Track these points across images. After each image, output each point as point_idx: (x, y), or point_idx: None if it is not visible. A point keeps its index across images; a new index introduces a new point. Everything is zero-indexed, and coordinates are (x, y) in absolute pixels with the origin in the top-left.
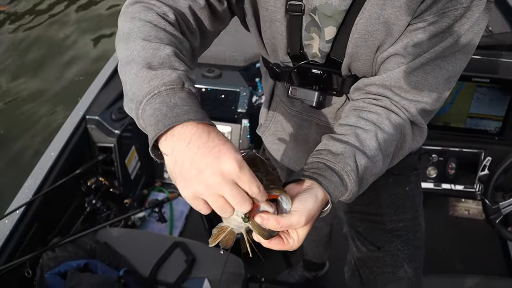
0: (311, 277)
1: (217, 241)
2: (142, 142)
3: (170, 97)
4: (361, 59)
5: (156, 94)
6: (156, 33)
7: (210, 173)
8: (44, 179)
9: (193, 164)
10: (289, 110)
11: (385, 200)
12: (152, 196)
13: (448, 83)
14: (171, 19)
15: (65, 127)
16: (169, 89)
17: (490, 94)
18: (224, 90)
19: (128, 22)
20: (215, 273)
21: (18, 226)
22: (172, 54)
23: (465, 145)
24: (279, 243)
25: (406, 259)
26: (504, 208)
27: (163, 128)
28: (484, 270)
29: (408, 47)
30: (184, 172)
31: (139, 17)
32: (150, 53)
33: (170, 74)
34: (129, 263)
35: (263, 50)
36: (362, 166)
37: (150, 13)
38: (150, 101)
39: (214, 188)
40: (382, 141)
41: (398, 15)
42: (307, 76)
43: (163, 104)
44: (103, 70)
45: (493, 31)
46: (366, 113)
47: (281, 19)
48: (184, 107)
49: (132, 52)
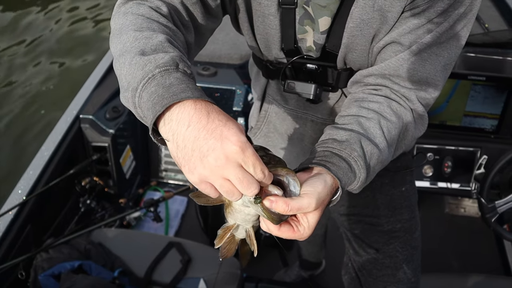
0: (307, 276)
1: (223, 241)
2: (137, 141)
3: (165, 79)
4: (357, 49)
5: (151, 78)
6: (149, 24)
7: (213, 157)
8: (38, 179)
9: (195, 149)
10: (283, 108)
11: (381, 201)
12: (148, 195)
13: (444, 70)
14: (164, 12)
15: (58, 126)
16: (163, 71)
17: (486, 92)
18: (220, 88)
19: (121, 18)
20: (210, 273)
21: (11, 228)
22: (165, 40)
23: (461, 144)
24: (289, 230)
25: (405, 260)
26: (500, 207)
27: (160, 108)
28: (480, 268)
29: (404, 34)
30: (187, 157)
31: (131, 11)
32: (143, 42)
33: (163, 57)
34: (124, 263)
35: (256, 47)
36: (368, 152)
37: (142, 7)
38: (145, 86)
39: (219, 172)
40: (386, 129)
41: (392, 2)
42: (302, 71)
43: (159, 86)
44: (96, 69)
45: (489, 28)
46: (367, 102)
47: (274, 13)
48: (180, 85)
49: (125, 44)
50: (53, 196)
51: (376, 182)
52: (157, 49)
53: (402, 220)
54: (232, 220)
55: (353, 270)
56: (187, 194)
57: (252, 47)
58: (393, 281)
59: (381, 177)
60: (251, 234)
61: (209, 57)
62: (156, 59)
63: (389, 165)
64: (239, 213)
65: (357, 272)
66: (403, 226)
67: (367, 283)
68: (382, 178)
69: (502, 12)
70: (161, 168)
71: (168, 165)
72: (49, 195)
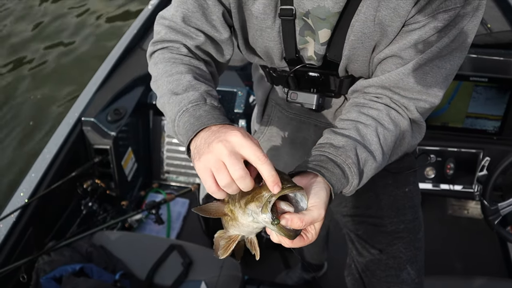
0: (309, 278)
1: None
2: (138, 143)
3: (196, 111)
4: (359, 60)
5: (184, 111)
6: (176, 67)
7: (216, 141)
8: (40, 182)
9: (207, 141)
10: (286, 113)
11: (385, 202)
12: (150, 197)
13: (446, 81)
14: (184, 52)
15: (60, 129)
16: (195, 105)
17: (489, 94)
18: (221, 91)
19: (153, 68)
20: (212, 276)
21: (13, 230)
22: (192, 79)
23: (464, 145)
24: (300, 240)
25: (409, 261)
26: (503, 209)
27: (191, 134)
28: (484, 270)
29: (405, 48)
30: (200, 149)
31: (160, 60)
32: (174, 85)
33: (193, 94)
34: (126, 266)
35: (258, 57)
36: (363, 159)
37: (167, 53)
38: (180, 117)
39: (217, 154)
40: (382, 136)
41: (392, 17)
42: (304, 79)
43: (191, 117)
44: (98, 71)
45: (492, 29)
46: (367, 109)
47: (271, 25)
48: (208, 116)
49: (162, 89)
50: (55, 199)
51: (379, 183)
52: (187, 88)
53: (405, 220)
54: (236, 231)
55: (356, 271)
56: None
57: (253, 57)
58: (396, 282)
59: (384, 178)
60: (255, 242)
61: None
62: (188, 96)
63: (392, 166)
64: (246, 227)
65: (360, 273)
66: (406, 227)
67: (370, 284)
68: (386, 179)
69: (504, 12)
70: (163, 170)
71: (170, 167)
72: (51, 198)
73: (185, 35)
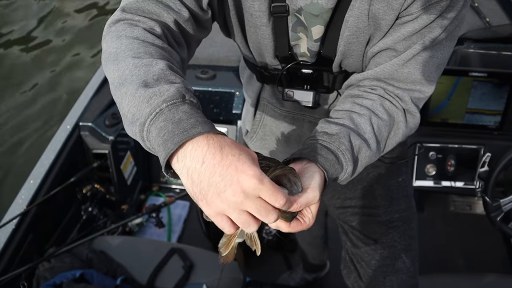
0: (311, 279)
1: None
2: (137, 147)
3: (173, 113)
4: (353, 55)
5: (158, 113)
6: (146, 48)
7: (231, 193)
8: (39, 188)
9: (211, 185)
10: (279, 111)
11: (378, 192)
12: (150, 201)
13: (438, 70)
14: (158, 32)
15: (58, 134)
16: (171, 105)
17: (488, 89)
18: (219, 92)
19: (114, 41)
20: (213, 279)
21: (13, 238)
22: (166, 67)
23: (464, 141)
24: (297, 224)
25: (403, 250)
26: (506, 205)
27: (173, 146)
28: (487, 266)
29: (398, 41)
30: (203, 192)
31: (125, 34)
32: (143, 71)
33: (168, 89)
34: (127, 271)
35: (249, 55)
36: (356, 146)
37: (136, 29)
38: (153, 121)
39: (237, 206)
40: (376, 125)
41: (386, 10)
42: (297, 76)
43: (168, 122)
44: (95, 76)
45: (490, 22)
46: (361, 99)
47: (266, 23)
48: (189, 120)
49: (124, 72)
50: (55, 205)
51: (373, 173)
52: (159, 78)
53: (399, 210)
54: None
55: (352, 263)
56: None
57: (245, 54)
58: (392, 271)
59: (377, 168)
60: (255, 236)
61: (208, 60)
62: (161, 91)
63: (385, 156)
64: None
65: (355, 264)
66: (400, 216)
67: (366, 275)
68: (379, 169)
69: (503, 6)
70: (162, 173)
71: None
72: (51, 204)
73: (167, 7)
